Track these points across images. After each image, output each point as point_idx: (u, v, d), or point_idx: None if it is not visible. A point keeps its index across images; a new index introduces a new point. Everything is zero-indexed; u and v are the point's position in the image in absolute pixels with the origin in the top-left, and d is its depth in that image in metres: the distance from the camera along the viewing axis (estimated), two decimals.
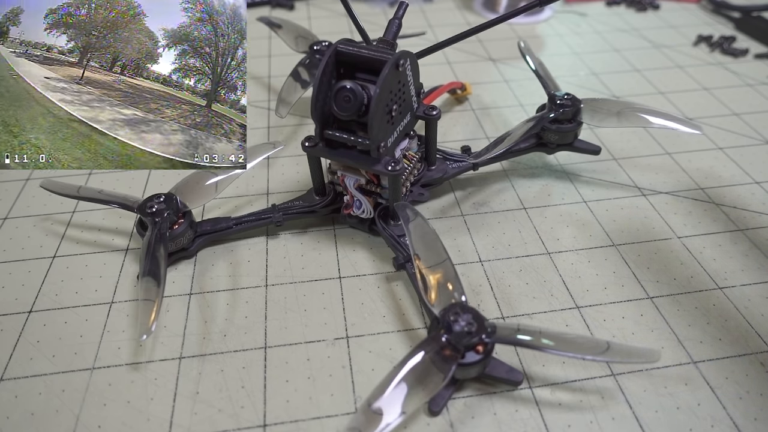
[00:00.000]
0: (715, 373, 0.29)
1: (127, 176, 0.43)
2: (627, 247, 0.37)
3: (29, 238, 0.38)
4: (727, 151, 0.45)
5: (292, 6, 0.71)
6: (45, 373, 0.30)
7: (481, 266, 0.35)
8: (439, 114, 0.36)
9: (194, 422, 0.27)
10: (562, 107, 0.40)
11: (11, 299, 0.34)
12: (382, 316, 0.32)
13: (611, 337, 0.31)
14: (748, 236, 0.37)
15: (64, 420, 0.28)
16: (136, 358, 0.30)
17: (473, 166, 0.40)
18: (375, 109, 0.30)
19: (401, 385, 0.25)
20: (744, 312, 0.32)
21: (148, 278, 0.30)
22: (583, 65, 0.58)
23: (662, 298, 0.33)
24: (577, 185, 0.42)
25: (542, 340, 0.27)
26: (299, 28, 0.53)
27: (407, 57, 0.32)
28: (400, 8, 0.36)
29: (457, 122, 0.49)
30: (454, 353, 0.26)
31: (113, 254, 0.37)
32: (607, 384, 0.29)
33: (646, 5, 0.71)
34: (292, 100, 0.45)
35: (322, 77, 0.32)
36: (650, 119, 0.40)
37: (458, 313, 0.27)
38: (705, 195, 0.41)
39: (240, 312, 0.33)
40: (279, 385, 0.29)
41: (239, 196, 0.41)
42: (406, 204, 0.33)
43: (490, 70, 0.58)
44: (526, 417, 0.28)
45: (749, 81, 0.55)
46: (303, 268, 0.35)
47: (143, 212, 0.34)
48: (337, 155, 0.34)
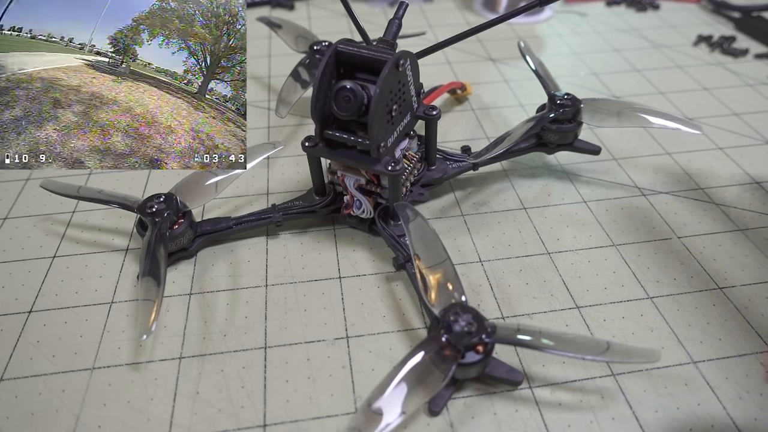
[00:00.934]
0: (715, 373, 0.29)
1: (127, 176, 0.43)
2: (627, 247, 0.37)
3: (29, 238, 0.38)
4: (727, 151, 0.45)
5: (292, 6, 0.71)
6: (45, 373, 0.30)
7: (481, 266, 0.35)
8: (439, 114, 0.36)
9: (194, 422, 0.27)
10: (562, 107, 0.40)
11: (11, 299, 0.34)
12: (382, 316, 0.32)
13: (611, 337, 0.31)
14: (748, 236, 0.37)
15: (64, 420, 0.28)
16: (136, 358, 0.30)
17: (473, 166, 0.40)
18: (375, 109, 0.30)
19: (401, 385, 0.25)
20: (744, 312, 0.32)
21: (148, 278, 0.30)
22: (583, 65, 0.58)
23: (662, 298, 0.33)
24: (577, 185, 0.42)
25: (542, 340, 0.27)
26: (299, 28, 0.53)
27: (407, 57, 0.32)
28: (400, 8, 0.36)
29: (457, 122, 0.49)
30: (454, 353, 0.26)
31: (113, 254, 0.37)
32: (607, 384, 0.29)
33: (646, 5, 0.71)
34: (292, 100, 0.45)
35: (322, 77, 0.32)
36: (650, 119, 0.40)
37: (458, 313, 0.27)
38: (705, 195, 0.41)
39: (240, 312, 0.33)
40: (279, 385, 0.29)
41: (239, 196, 0.41)
42: (406, 204, 0.33)
43: (490, 70, 0.58)
44: (526, 417, 0.28)
45: (749, 81, 0.55)
46: (303, 268, 0.35)
47: (143, 212, 0.34)
48: (337, 155, 0.34)
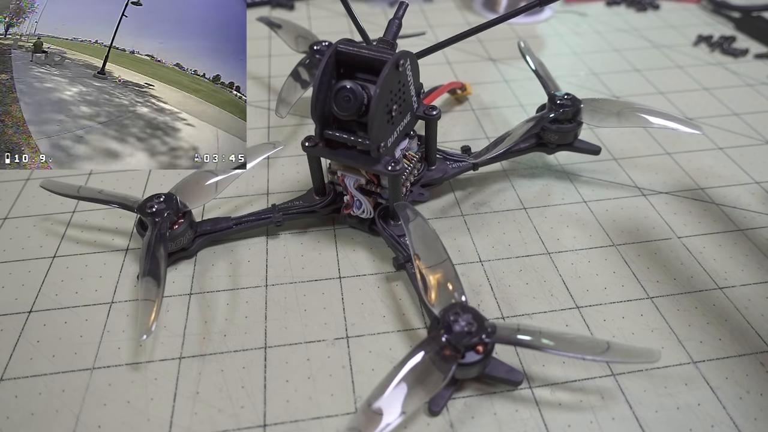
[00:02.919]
0: (715, 373, 0.29)
1: (127, 176, 0.43)
2: (627, 247, 0.37)
3: (29, 238, 0.38)
4: (727, 151, 0.45)
5: (292, 6, 0.71)
6: (45, 373, 0.30)
7: (481, 266, 0.35)
8: (439, 114, 0.36)
9: (194, 422, 0.27)
10: (562, 107, 0.40)
11: (11, 299, 0.34)
12: (382, 316, 0.32)
13: (611, 337, 0.31)
14: (748, 236, 0.37)
15: (64, 420, 0.28)
16: (136, 358, 0.30)
17: (473, 166, 0.40)
18: (375, 109, 0.30)
19: (401, 385, 0.25)
20: (744, 312, 0.32)
21: (148, 278, 0.30)
22: (583, 65, 0.58)
23: (662, 298, 0.33)
24: (577, 185, 0.42)
25: (542, 340, 0.27)
26: (299, 28, 0.53)
27: (407, 57, 0.32)
28: (400, 8, 0.36)
29: (457, 122, 0.49)
30: (454, 353, 0.26)
31: (113, 254, 0.37)
32: (607, 384, 0.29)
33: (646, 5, 0.71)
34: (292, 100, 0.45)
35: (322, 77, 0.32)
36: (650, 119, 0.40)
37: (458, 313, 0.27)
38: (705, 195, 0.41)
39: (240, 312, 0.33)
40: (279, 385, 0.29)
41: (239, 196, 0.41)
42: (406, 204, 0.33)
43: (490, 70, 0.58)
44: (526, 417, 0.28)
45: (749, 81, 0.55)
46: (303, 268, 0.35)
47: (143, 212, 0.34)
48: (337, 155, 0.34)
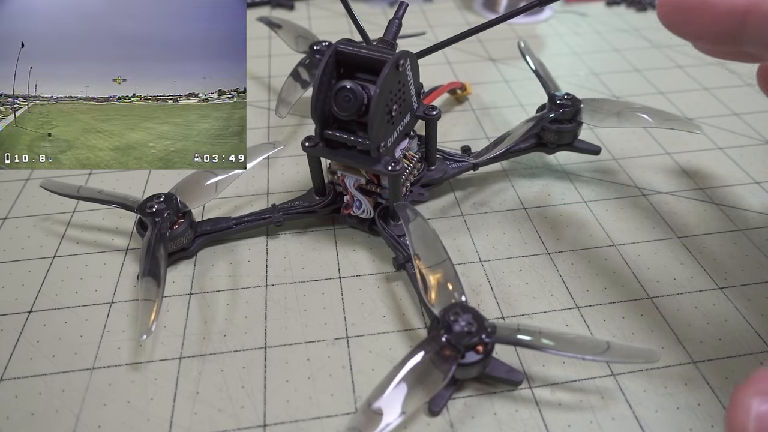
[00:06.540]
0: (715, 373, 0.29)
1: (127, 176, 0.43)
2: (627, 247, 0.37)
3: (29, 238, 0.38)
4: (727, 151, 0.45)
5: (292, 6, 0.71)
6: (45, 373, 0.30)
7: (481, 266, 0.35)
8: (439, 114, 0.36)
9: (194, 422, 0.27)
10: (562, 107, 0.40)
11: (11, 299, 0.34)
12: (382, 316, 0.32)
13: (611, 337, 0.31)
14: (748, 236, 0.37)
15: (64, 420, 0.28)
16: (136, 358, 0.30)
17: (473, 166, 0.40)
18: (375, 109, 0.30)
19: (401, 385, 0.25)
20: (744, 312, 0.32)
21: (148, 278, 0.30)
22: (583, 65, 0.58)
23: (662, 298, 0.33)
24: (577, 185, 0.42)
25: (542, 340, 0.27)
26: (299, 28, 0.53)
27: (407, 57, 0.32)
28: (400, 8, 0.36)
29: (457, 122, 0.49)
30: (454, 353, 0.26)
31: (113, 254, 0.37)
32: (607, 384, 0.29)
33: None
34: (292, 100, 0.45)
35: (322, 77, 0.32)
36: (650, 119, 0.40)
37: (458, 313, 0.27)
38: (705, 195, 0.41)
39: (240, 312, 0.33)
40: (279, 385, 0.29)
41: (239, 196, 0.41)
42: (406, 204, 0.33)
43: (490, 70, 0.58)
44: (526, 417, 0.28)
45: (749, 81, 0.55)
46: (303, 268, 0.35)
47: (143, 212, 0.34)
48: (337, 155, 0.34)
